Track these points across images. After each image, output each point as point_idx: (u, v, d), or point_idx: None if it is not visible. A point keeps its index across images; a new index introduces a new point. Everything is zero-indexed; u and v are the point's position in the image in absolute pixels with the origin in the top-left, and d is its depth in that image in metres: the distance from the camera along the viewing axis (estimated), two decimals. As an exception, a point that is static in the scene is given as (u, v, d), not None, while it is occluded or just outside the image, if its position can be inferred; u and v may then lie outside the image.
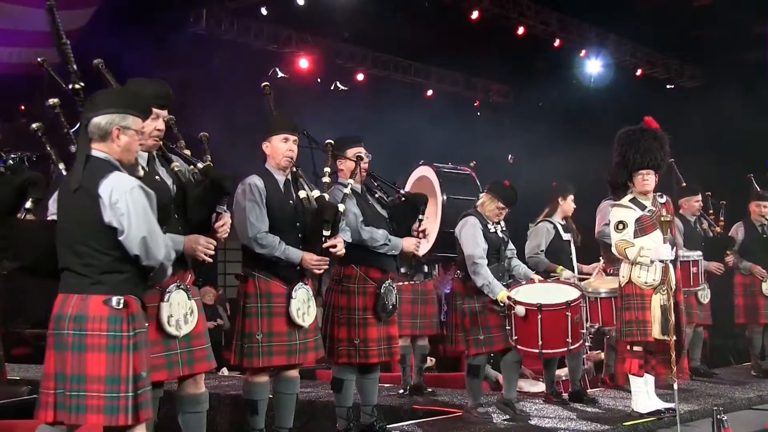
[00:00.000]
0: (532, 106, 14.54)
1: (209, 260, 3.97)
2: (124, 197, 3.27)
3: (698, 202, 7.89)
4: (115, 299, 3.29)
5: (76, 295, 3.31)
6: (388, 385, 7.27)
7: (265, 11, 12.04)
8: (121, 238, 3.28)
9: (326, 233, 4.65)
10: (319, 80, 13.67)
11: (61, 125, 3.88)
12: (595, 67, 14.38)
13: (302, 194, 4.74)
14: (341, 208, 4.78)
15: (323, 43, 13.10)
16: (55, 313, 3.33)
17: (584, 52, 14.16)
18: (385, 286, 5.13)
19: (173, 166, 4.05)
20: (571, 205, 6.83)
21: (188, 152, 4.31)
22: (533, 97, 14.36)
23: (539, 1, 13.00)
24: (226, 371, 9.24)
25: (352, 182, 5.07)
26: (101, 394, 3.23)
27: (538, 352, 5.56)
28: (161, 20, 10.53)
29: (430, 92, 15.11)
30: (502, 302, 5.56)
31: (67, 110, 3.89)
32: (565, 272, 6.47)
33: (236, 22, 12.08)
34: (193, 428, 4.09)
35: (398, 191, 5.65)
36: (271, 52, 12.74)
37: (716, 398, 6.56)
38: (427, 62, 14.53)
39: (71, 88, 3.90)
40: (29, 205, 3.70)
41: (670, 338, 5.47)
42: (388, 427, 5.34)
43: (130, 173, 3.50)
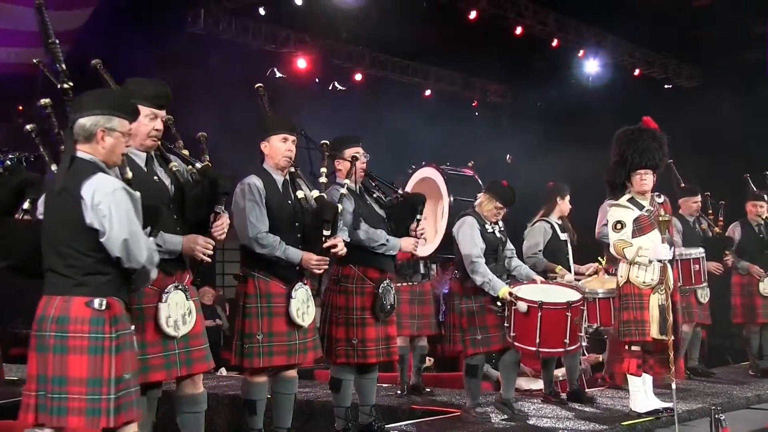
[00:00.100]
0: (529, 106, 14.53)
1: (208, 260, 3.96)
2: (106, 199, 3.24)
3: (696, 202, 7.90)
4: (97, 301, 3.27)
5: (58, 296, 3.29)
6: (386, 385, 7.27)
7: (262, 11, 12.02)
8: (102, 239, 3.25)
9: (326, 233, 4.64)
10: (317, 80, 13.65)
11: (52, 125, 3.87)
12: (593, 67, 14.37)
13: (300, 194, 4.74)
14: (339, 208, 4.78)
15: (321, 43, 13.09)
16: (38, 314, 3.31)
17: (582, 52, 14.14)
18: (383, 286, 5.13)
19: (171, 166, 4.04)
20: (567, 204, 6.84)
21: (186, 152, 4.30)
22: (531, 97, 14.35)
23: (537, 1, 12.99)
24: (224, 371, 9.23)
25: (348, 182, 5.07)
26: (83, 396, 3.21)
27: (535, 350, 5.56)
28: (159, 20, 10.51)
29: (428, 92, 15.10)
30: (503, 299, 5.56)
31: (59, 110, 3.87)
32: (567, 276, 6.47)
33: (234, 22, 12.07)
34: (191, 428, 4.09)
35: (396, 191, 5.64)
36: (268, 52, 12.73)
37: (714, 398, 6.57)
38: (424, 62, 14.52)
39: (60, 87, 3.87)
40: (27, 205, 3.70)
41: (668, 338, 5.48)
42: (386, 427, 5.34)
43: (118, 175, 3.48)
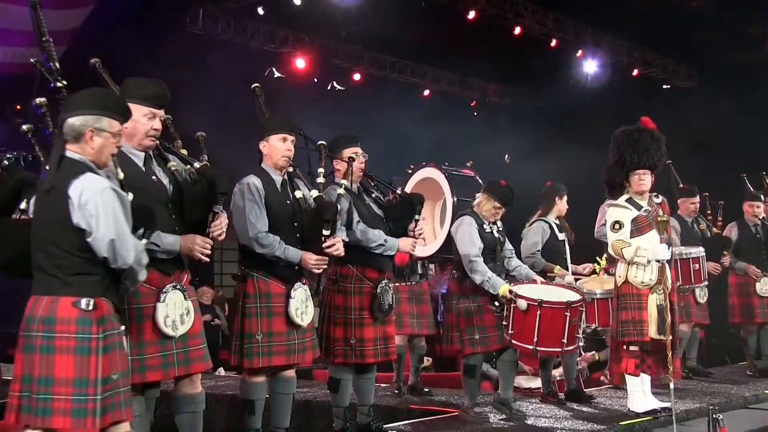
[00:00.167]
0: (528, 106, 14.54)
1: (206, 260, 3.95)
2: (94, 199, 3.22)
3: (694, 203, 7.91)
4: (84, 301, 3.25)
5: (46, 297, 3.27)
6: (384, 384, 7.27)
7: (261, 11, 12.03)
8: (89, 239, 3.23)
9: (326, 233, 4.65)
10: (315, 80, 13.66)
11: (47, 125, 3.86)
12: (591, 67, 14.39)
13: (299, 194, 4.74)
14: (338, 207, 4.78)
15: (320, 43, 13.10)
16: (26, 314, 3.29)
17: (580, 52, 14.16)
18: (381, 285, 5.12)
19: (170, 165, 4.03)
20: (565, 204, 6.85)
21: (185, 152, 4.30)
22: (529, 97, 14.36)
23: (535, 1, 13.00)
24: (222, 371, 9.24)
25: (345, 182, 5.05)
26: (68, 396, 3.18)
27: (532, 348, 5.56)
28: (158, 20, 10.52)
29: (426, 92, 15.11)
30: (503, 297, 5.56)
31: (54, 110, 3.85)
32: (567, 277, 6.46)
33: (233, 21, 12.07)
34: (189, 428, 4.08)
35: (395, 191, 5.64)
36: (267, 52, 12.73)
37: (712, 397, 6.58)
38: (423, 62, 14.53)
39: (54, 86, 3.86)
40: (24, 205, 3.69)
41: (666, 338, 5.48)
42: (384, 426, 5.34)
43: (112, 175, 3.46)
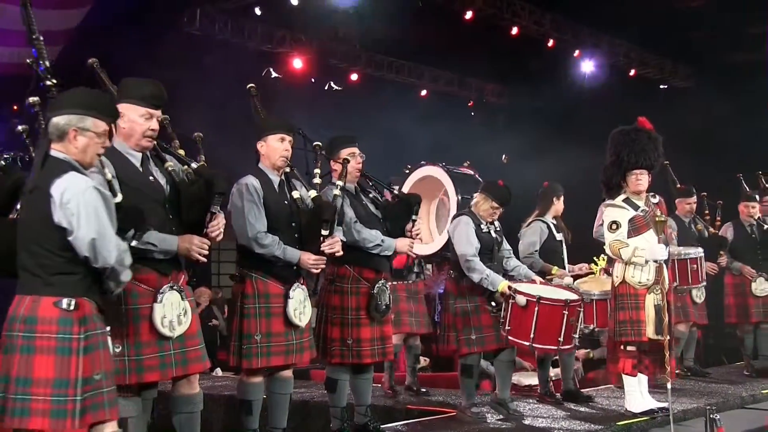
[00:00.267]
0: (525, 106, 14.54)
1: (203, 260, 3.95)
2: (75, 198, 3.21)
3: (689, 204, 7.91)
4: (65, 301, 3.23)
5: (29, 296, 3.26)
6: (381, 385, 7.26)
7: (258, 11, 12.01)
8: (70, 238, 3.22)
9: (325, 233, 4.65)
10: (312, 80, 13.64)
11: (40, 124, 3.84)
12: (588, 67, 14.40)
13: (296, 194, 4.74)
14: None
15: (317, 43, 13.08)
16: (9, 314, 3.28)
17: (578, 52, 14.17)
18: (378, 286, 5.12)
19: (167, 165, 4.03)
20: (562, 204, 6.85)
21: (182, 152, 4.30)
22: (527, 97, 14.36)
23: (533, 1, 13.01)
24: (220, 372, 9.22)
25: (340, 183, 5.02)
26: (48, 397, 3.16)
27: (528, 344, 5.57)
28: (155, 20, 10.50)
29: (423, 92, 15.10)
30: (502, 293, 5.56)
31: (46, 109, 3.85)
32: (566, 278, 6.46)
33: (230, 22, 12.05)
34: (187, 428, 4.08)
35: (392, 191, 5.64)
36: (264, 52, 12.71)
37: (709, 397, 6.59)
38: (420, 62, 14.52)
39: (44, 85, 3.85)
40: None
41: (664, 338, 5.49)
42: (381, 427, 5.34)
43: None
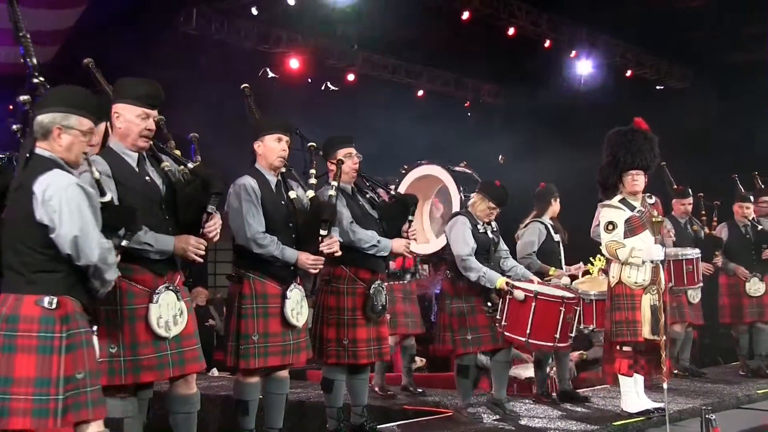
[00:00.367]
0: (522, 106, 14.54)
1: (200, 260, 3.95)
2: (58, 194, 3.20)
3: (683, 204, 7.92)
4: (47, 299, 3.21)
5: (12, 295, 3.25)
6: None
7: (255, 11, 12.00)
8: (52, 235, 3.21)
9: (323, 233, 4.65)
10: (309, 80, 13.63)
11: (30, 122, 3.83)
12: (585, 67, 14.39)
13: (293, 195, 4.74)
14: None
15: (313, 43, 13.07)
16: None
17: (574, 52, 14.17)
18: (374, 286, 5.12)
19: (163, 165, 4.03)
20: (558, 205, 6.85)
21: (178, 152, 4.29)
22: (523, 97, 14.36)
23: (529, 1, 13.01)
24: (216, 372, 9.22)
25: (335, 184, 4.99)
26: (29, 396, 3.14)
27: (524, 340, 5.57)
28: (151, 20, 10.48)
29: (420, 92, 15.09)
30: (500, 289, 5.57)
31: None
32: (564, 279, 6.46)
33: (226, 22, 12.04)
34: (183, 429, 4.07)
35: (389, 192, 5.64)
36: (261, 52, 12.70)
37: (705, 397, 6.60)
38: (417, 62, 14.51)
39: (31, 82, 3.82)
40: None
41: (660, 338, 5.49)
42: (378, 427, 5.34)
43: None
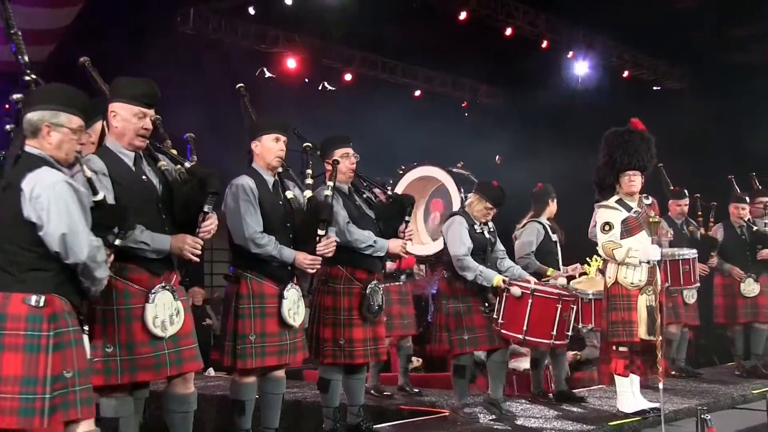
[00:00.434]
0: (519, 106, 14.56)
1: (196, 260, 3.94)
2: (46, 192, 3.19)
3: (680, 205, 7.93)
4: (34, 297, 3.20)
5: (0, 293, 3.23)
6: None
7: (252, 11, 12.00)
8: (40, 233, 3.20)
9: (321, 233, 4.65)
10: (306, 80, 13.64)
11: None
12: (582, 68, 14.41)
13: (290, 194, 4.73)
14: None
15: (311, 43, 13.08)
16: None
17: (571, 53, 14.19)
18: (370, 286, 5.11)
19: (160, 164, 4.02)
20: (555, 205, 6.85)
21: (175, 151, 4.29)
22: (520, 97, 14.38)
23: (527, 2, 13.02)
24: (212, 372, 9.21)
25: (331, 184, 4.97)
26: (15, 395, 3.12)
27: (521, 337, 5.59)
28: (148, 19, 10.47)
29: (417, 92, 15.11)
30: (497, 287, 5.58)
31: None
32: (560, 279, 6.47)
33: (223, 21, 12.04)
34: (180, 428, 4.06)
35: (386, 192, 5.64)
36: (258, 52, 12.70)
37: (700, 398, 6.61)
38: (414, 63, 14.52)
39: (23, 80, 3.81)
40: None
41: (656, 338, 5.50)
42: (374, 427, 5.34)
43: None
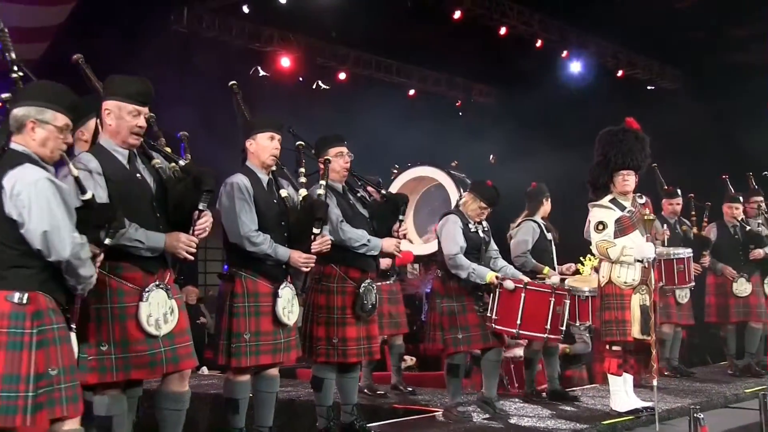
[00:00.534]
0: (513, 106, 14.57)
1: (190, 258, 3.94)
2: (27, 189, 3.17)
3: (672, 204, 7.94)
4: (17, 295, 3.18)
5: None
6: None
7: (246, 9, 11.98)
8: (22, 231, 3.18)
9: (316, 231, 4.65)
10: (300, 79, 13.62)
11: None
12: (576, 67, 14.43)
13: (284, 193, 4.73)
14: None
15: (305, 41, 13.07)
16: None
17: (566, 52, 14.20)
18: (364, 285, 5.11)
19: (154, 162, 4.02)
20: (549, 204, 6.86)
21: (169, 150, 4.28)
22: (515, 97, 14.38)
23: (521, 1, 13.03)
24: (206, 370, 9.19)
25: (323, 183, 4.97)
26: None
27: (515, 332, 5.61)
28: (142, 17, 10.45)
29: (411, 92, 15.12)
30: (490, 284, 5.60)
31: None
32: (554, 277, 6.47)
33: (217, 20, 12.02)
34: (171, 426, 4.05)
35: (380, 191, 5.64)
36: (252, 50, 12.68)
37: (693, 397, 6.63)
38: (409, 62, 14.52)
39: (10, 78, 3.79)
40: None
41: (650, 338, 5.51)
42: (368, 426, 5.34)
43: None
